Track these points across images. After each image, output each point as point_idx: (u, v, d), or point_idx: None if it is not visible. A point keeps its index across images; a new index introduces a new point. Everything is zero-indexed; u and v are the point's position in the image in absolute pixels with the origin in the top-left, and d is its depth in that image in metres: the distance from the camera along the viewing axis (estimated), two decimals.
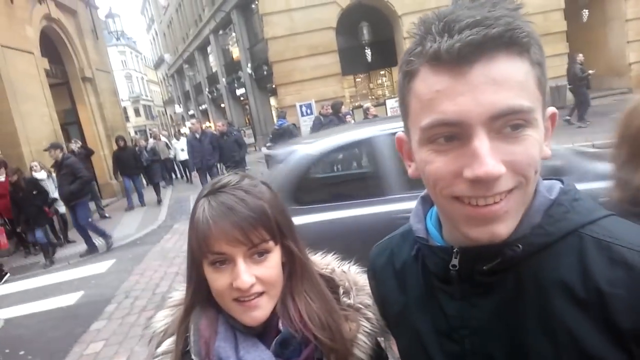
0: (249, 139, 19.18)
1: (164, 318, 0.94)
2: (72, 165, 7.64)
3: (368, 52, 16.95)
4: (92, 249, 8.06)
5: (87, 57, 13.68)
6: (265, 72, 19.26)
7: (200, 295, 0.87)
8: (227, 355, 0.82)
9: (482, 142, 0.55)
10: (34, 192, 7.56)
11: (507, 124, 0.55)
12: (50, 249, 8.00)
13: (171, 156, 15.73)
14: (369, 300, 0.91)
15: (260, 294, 0.81)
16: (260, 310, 0.82)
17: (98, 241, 8.23)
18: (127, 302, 5.47)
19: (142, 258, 7.23)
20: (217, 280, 0.80)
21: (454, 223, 0.65)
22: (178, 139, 16.13)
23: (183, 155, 14.41)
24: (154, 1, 42.58)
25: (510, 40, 0.55)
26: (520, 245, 0.61)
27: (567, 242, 0.61)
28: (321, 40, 15.42)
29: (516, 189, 0.58)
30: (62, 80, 13.25)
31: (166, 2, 36.95)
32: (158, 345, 0.90)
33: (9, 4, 9.64)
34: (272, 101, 22.49)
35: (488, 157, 0.54)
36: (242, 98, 25.21)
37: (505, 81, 0.55)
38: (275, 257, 0.84)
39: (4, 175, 7.87)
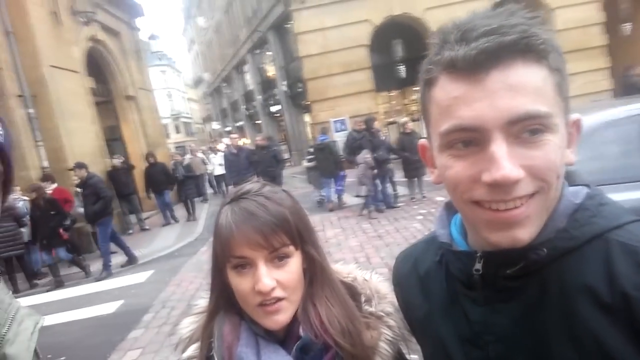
0: (283, 155, 19.39)
1: (189, 325, 0.97)
2: (95, 185, 7.80)
3: (402, 68, 16.97)
4: (132, 259, 8.31)
5: (130, 77, 14.33)
6: (299, 89, 19.57)
7: (223, 301, 0.90)
8: None
9: (499, 147, 0.56)
10: (52, 212, 7.49)
11: (525, 129, 0.56)
12: (71, 264, 8.14)
13: (208, 171, 16.02)
14: (391, 308, 0.91)
15: (282, 298, 0.83)
16: (282, 314, 0.83)
17: (139, 252, 8.48)
18: (164, 312, 5.61)
19: (179, 269, 7.41)
20: (240, 284, 0.83)
21: (475, 228, 0.65)
22: (215, 154, 16.38)
23: (219, 170, 14.67)
24: (195, 23, 44.30)
25: (526, 47, 0.56)
26: (544, 249, 0.61)
27: (592, 246, 0.60)
28: (354, 58, 15.59)
29: (537, 194, 0.58)
30: (106, 99, 13.92)
31: (206, 24, 38.36)
32: (183, 351, 0.93)
33: (58, 26, 10.26)
34: (306, 117, 22.78)
35: (505, 160, 0.55)
36: (277, 115, 25.66)
37: (522, 87, 0.56)
38: (295, 262, 0.85)
39: (51, 189, 8.31)
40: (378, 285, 0.96)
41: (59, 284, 7.70)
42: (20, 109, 9.07)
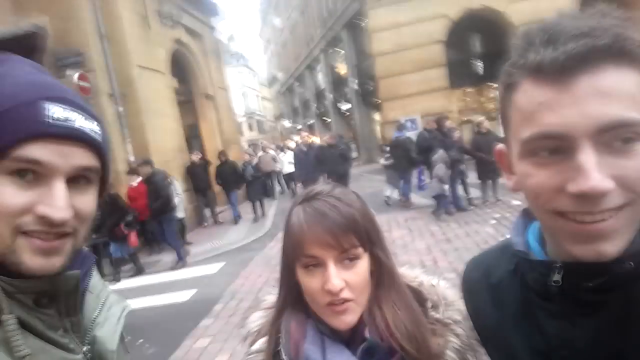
0: (351, 153, 19.33)
1: (257, 319, 1.00)
2: (156, 183, 8.27)
3: (479, 64, 16.22)
4: (181, 261, 8.45)
5: (210, 77, 15.07)
6: (370, 88, 19.46)
7: (291, 299, 0.91)
8: (315, 357, 0.84)
9: (587, 156, 0.53)
10: (112, 208, 7.92)
11: (618, 137, 0.53)
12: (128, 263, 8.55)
13: (277, 169, 15.84)
14: (459, 316, 0.88)
15: (351, 299, 0.83)
16: (349, 315, 0.84)
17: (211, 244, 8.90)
18: (233, 303, 5.84)
19: (248, 263, 7.67)
20: (309, 282, 0.84)
21: (556, 239, 0.62)
22: (285, 152, 16.19)
23: (289, 168, 14.52)
24: (271, 24, 45.64)
25: (620, 52, 0.53)
26: (631, 263, 0.57)
27: None
28: (429, 54, 15.17)
29: (627, 206, 0.54)
30: (187, 98, 14.75)
31: (282, 24, 39.39)
32: (252, 344, 0.96)
33: (147, 29, 11.03)
34: (376, 116, 22.59)
35: (594, 171, 0.52)
36: (346, 113, 25.74)
37: (615, 92, 0.52)
38: (364, 264, 0.85)
39: (136, 182, 8.97)
40: (445, 291, 0.93)
41: (139, 271, 8.32)
42: (110, 107, 9.87)
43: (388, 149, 10.26)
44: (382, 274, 0.89)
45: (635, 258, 0.57)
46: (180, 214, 9.83)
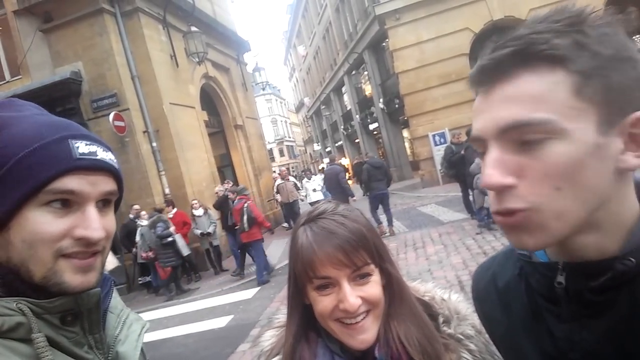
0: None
1: (270, 337, 0.99)
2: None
3: None
4: (240, 271, 9.04)
5: (238, 107, 15.51)
6: (396, 105, 19.44)
7: (302, 321, 0.90)
8: None
9: (490, 155, 0.58)
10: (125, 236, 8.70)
11: (522, 137, 0.55)
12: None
13: (300, 197, 13.80)
14: (472, 331, 0.86)
15: (367, 313, 0.83)
16: (368, 333, 0.83)
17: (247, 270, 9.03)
18: None
19: (282, 286, 7.67)
20: (322, 302, 0.83)
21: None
22: (309, 178, 13.80)
23: (315, 197, 12.66)
24: (295, 52, 46.72)
25: (527, 57, 0.55)
26: (632, 259, 0.56)
27: None
28: (453, 68, 15.06)
29: (534, 210, 0.56)
30: (218, 129, 15.21)
31: (305, 51, 40.26)
32: None
33: (175, 68, 11.54)
34: (405, 133, 22.49)
35: (490, 168, 0.57)
36: (375, 132, 25.76)
37: (518, 96, 0.56)
38: (376, 279, 0.85)
39: (172, 213, 9.25)
40: (458, 305, 0.92)
41: (178, 293, 8.83)
42: (145, 143, 10.32)
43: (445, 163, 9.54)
44: (393, 289, 0.88)
45: (636, 254, 0.56)
46: (215, 241, 10.06)
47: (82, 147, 0.73)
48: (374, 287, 0.83)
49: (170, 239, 8.70)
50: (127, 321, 0.88)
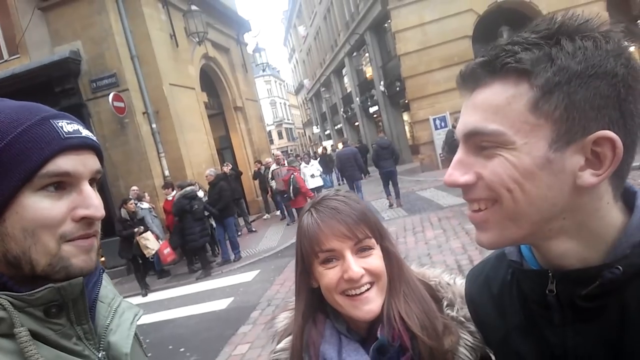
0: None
1: (283, 319, 1.04)
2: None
3: None
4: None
5: (238, 89, 15.39)
6: (397, 88, 19.29)
7: (310, 301, 0.95)
8: (331, 356, 0.88)
9: (456, 155, 0.64)
10: (124, 224, 8.38)
11: (479, 143, 0.61)
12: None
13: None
14: None
15: (371, 285, 0.88)
16: (373, 304, 0.87)
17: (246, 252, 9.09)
18: (269, 310, 5.91)
19: (282, 269, 7.75)
20: (328, 275, 0.88)
21: None
22: (308, 163, 12.96)
23: (313, 183, 12.02)
24: (295, 32, 46.13)
25: (494, 69, 0.59)
26: (620, 267, 0.57)
27: None
28: (456, 50, 14.89)
29: (496, 204, 0.61)
30: (218, 111, 15.11)
31: (305, 32, 39.74)
32: (278, 343, 1.01)
33: (175, 48, 11.40)
34: (405, 116, 22.38)
35: (452, 167, 0.64)
36: (375, 115, 25.63)
37: (481, 106, 0.60)
38: (377, 253, 0.90)
39: (171, 196, 9.24)
40: (462, 289, 0.94)
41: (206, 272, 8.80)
42: (145, 124, 10.25)
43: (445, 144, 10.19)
44: (392, 267, 0.92)
45: (623, 262, 0.57)
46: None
47: (66, 126, 0.71)
48: (375, 259, 0.89)
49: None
50: (118, 310, 0.86)
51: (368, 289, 0.87)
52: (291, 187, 9.49)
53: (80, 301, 0.74)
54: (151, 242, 8.04)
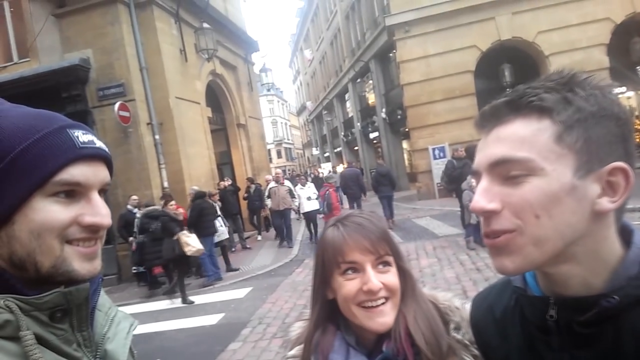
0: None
1: (297, 328, 1.09)
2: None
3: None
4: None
5: (242, 107, 15.55)
6: (399, 116, 19.53)
7: (324, 312, 1.00)
8: None
9: (480, 184, 0.68)
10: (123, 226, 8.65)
11: (508, 172, 0.65)
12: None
13: (294, 207, 11.72)
14: None
15: (386, 299, 0.93)
16: (387, 317, 0.92)
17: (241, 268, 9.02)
18: (260, 328, 5.86)
19: (275, 288, 7.71)
20: (347, 286, 0.93)
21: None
22: (303, 185, 11.97)
23: (309, 206, 11.26)
24: (301, 55, 46.86)
25: (518, 107, 0.66)
26: (616, 297, 0.62)
27: None
28: (458, 84, 15.20)
29: (517, 233, 0.64)
30: (220, 127, 15.23)
31: (311, 55, 40.37)
32: (290, 349, 1.06)
33: (184, 63, 11.58)
34: (404, 144, 22.59)
35: (477, 194, 0.67)
36: (374, 141, 25.84)
37: (507, 138, 0.66)
38: (394, 271, 0.96)
39: (173, 205, 9.24)
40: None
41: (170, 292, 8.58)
42: (148, 135, 10.33)
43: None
44: (407, 285, 0.97)
45: (620, 292, 0.62)
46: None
47: (82, 137, 0.73)
48: (392, 276, 0.94)
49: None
50: (115, 319, 0.88)
51: (384, 303, 0.92)
52: (325, 203, 9.99)
53: (84, 307, 0.76)
54: (192, 239, 7.96)
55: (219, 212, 10.01)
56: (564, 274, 0.66)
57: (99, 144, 0.76)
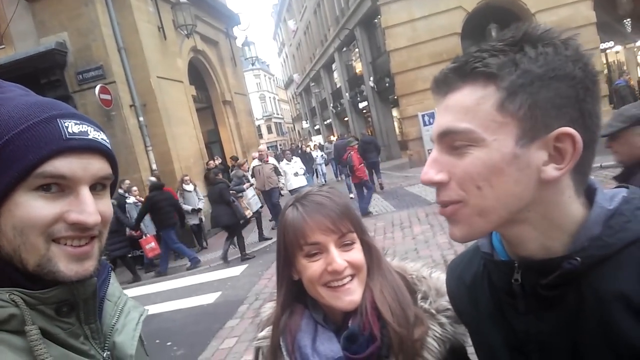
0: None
1: (268, 309, 1.08)
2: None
3: None
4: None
5: (227, 83, 15.29)
6: (387, 84, 19.36)
7: (290, 293, 0.99)
8: (305, 344, 0.93)
9: (430, 155, 0.68)
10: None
11: (452, 143, 0.64)
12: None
13: (280, 185, 10.64)
14: (448, 305, 0.92)
15: (352, 277, 0.92)
16: (354, 295, 0.91)
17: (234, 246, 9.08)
18: (257, 304, 5.92)
19: (270, 264, 7.75)
20: (311, 268, 0.91)
21: None
22: (289, 160, 11.54)
23: (297, 182, 10.91)
24: (285, 27, 45.90)
25: (465, 73, 0.63)
26: (578, 258, 0.61)
27: (628, 253, 0.59)
28: (445, 47, 14.96)
29: (462, 204, 0.65)
30: (206, 105, 15.01)
31: (295, 26, 39.56)
32: (261, 331, 1.06)
33: (163, 41, 11.27)
34: (394, 112, 22.46)
35: (427, 166, 0.67)
36: (364, 111, 25.71)
37: (452, 107, 0.65)
38: (358, 247, 0.94)
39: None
40: (437, 282, 0.98)
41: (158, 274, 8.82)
42: (132, 117, 10.14)
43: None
44: (372, 259, 0.96)
45: (581, 253, 0.61)
46: (192, 220, 10.08)
47: (72, 127, 0.68)
48: (357, 253, 0.93)
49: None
50: (124, 309, 0.86)
51: (350, 281, 0.91)
52: (347, 166, 10.45)
53: (91, 301, 0.74)
54: (253, 199, 8.17)
55: (251, 181, 9.99)
56: (518, 236, 0.66)
57: (92, 135, 0.71)
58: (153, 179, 9.32)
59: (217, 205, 8.47)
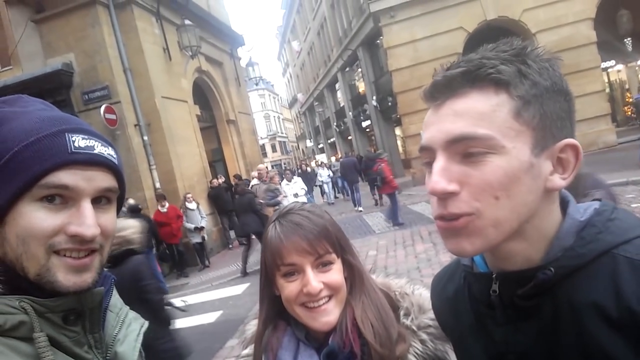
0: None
1: (252, 327, 1.08)
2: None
3: None
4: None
5: (231, 102, 15.43)
6: (389, 103, 19.47)
7: (272, 310, 0.99)
8: None
9: (437, 164, 0.63)
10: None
11: (466, 149, 0.61)
12: None
13: (281, 206, 8.06)
14: (430, 322, 0.92)
15: (329, 298, 0.91)
16: (330, 316, 0.91)
17: (236, 266, 9.03)
18: None
19: None
20: (288, 288, 0.91)
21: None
22: (290, 180, 11.23)
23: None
24: (289, 47, 46.56)
25: (475, 78, 0.62)
26: (552, 269, 0.62)
27: (600, 263, 0.60)
28: None
29: (475, 216, 0.61)
30: (210, 124, 15.13)
31: (299, 47, 40.11)
32: (244, 348, 1.06)
33: (168, 62, 11.45)
34: (397, 131, 22.54)
35: (436, 175, 0.62)
36: (367, 129, 25.79)
37: (465, 113, 0.62)
38: (337, 268, 0.93)
39: (166, 207, 9.21)
40: (420, 299, 0.98)
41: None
42: (136, 136, 10.24)
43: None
44: (354, 278, 0.96)
45: (555, 264, 0.62)
46: (195, 239, 10.05)
47: (79, 141, 0.71)
48: (335, 274, 0.92)
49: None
50: (126, 320, 0.88)
51: (326, 302, 0.91)
52: (379, 178, 10.75)
53: (97, 310, 0.76)
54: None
55: (284, 193, 10.07)
56: (510, 250, 0.66)
57: (98, 150, 0.73)
58: (132, 201, 8.79)
59: (245, 214, 8.72)
